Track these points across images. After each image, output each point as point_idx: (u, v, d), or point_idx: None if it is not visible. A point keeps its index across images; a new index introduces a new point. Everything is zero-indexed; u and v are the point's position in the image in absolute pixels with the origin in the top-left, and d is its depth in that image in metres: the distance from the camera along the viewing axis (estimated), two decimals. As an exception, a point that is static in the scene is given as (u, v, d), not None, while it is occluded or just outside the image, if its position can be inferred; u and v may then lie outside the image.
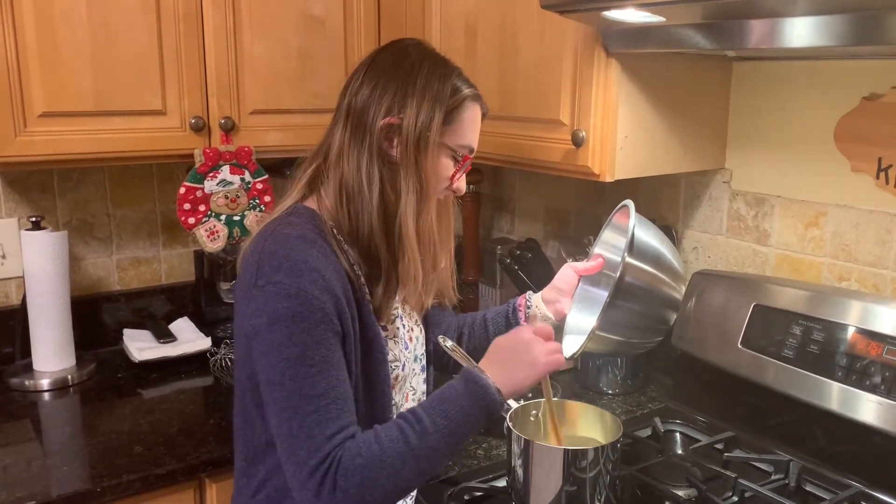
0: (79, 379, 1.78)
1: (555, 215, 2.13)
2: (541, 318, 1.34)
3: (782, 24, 1.13)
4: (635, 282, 1.19)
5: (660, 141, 1.52)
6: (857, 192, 1.45)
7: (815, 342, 1.38)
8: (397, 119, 1.11)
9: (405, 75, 1.13)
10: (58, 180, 1.92)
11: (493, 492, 1.32)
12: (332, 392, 1.02)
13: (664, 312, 1.27)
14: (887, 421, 1.26)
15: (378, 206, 1.11)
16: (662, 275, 1.23)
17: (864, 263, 1.46)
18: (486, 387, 1.06)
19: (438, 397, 1.07)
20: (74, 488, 1.34)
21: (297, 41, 1.84)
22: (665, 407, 1.66)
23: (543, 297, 1.36)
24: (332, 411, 1.02)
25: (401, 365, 1.20)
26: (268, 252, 1.06)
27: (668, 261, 1.25)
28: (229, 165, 1.80)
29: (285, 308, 1.01)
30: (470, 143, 1.19)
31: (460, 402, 1.05)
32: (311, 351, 1.01)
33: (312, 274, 1.03)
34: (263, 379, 1.04)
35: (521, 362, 1.10)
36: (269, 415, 1.05)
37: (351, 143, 1.13)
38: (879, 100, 1.39)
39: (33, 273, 1.73)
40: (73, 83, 1.58)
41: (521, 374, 1.10)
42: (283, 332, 1.01)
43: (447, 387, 1.08)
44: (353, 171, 1.12)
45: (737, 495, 1.29)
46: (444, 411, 1.04)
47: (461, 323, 1.42)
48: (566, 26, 1.44)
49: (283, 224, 1.10)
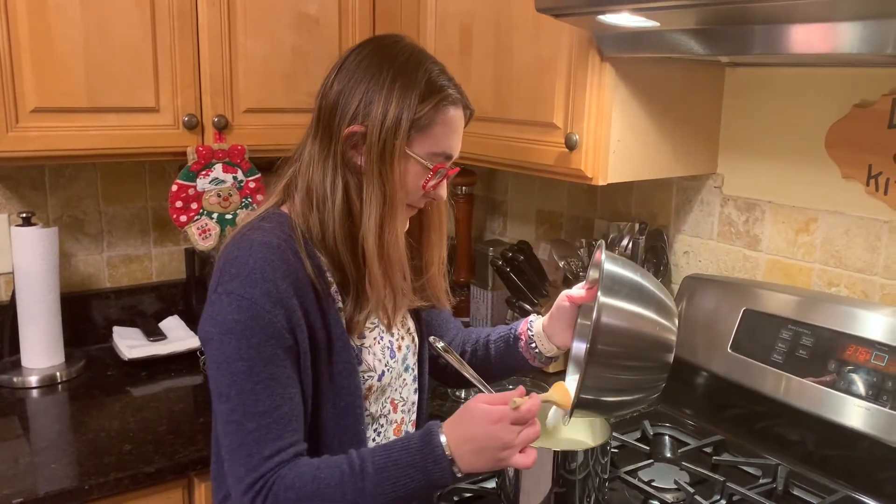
0: (67, 376, 1.78)
1: (547, 218, 2.13)
2: (545, 350, 1.27)
3: (776, 30, 1.14)
4: (614, 322, 1.02)
5: (652, 145, 1.53)
6: (848, 198, 1.46)
7: (804, 347, 1.39)
8: (361, 127, 1.06)
9: (373, 76, 1.06)
10: (49, 176, 1.91)
11: (482, 493, 1.32)
12: (276, 411, 1.02)
13: (658, 354, 1.07)
14: (874, 426, 1.27)
15: (341, 216, 1.08)
16: (646, 311, 1.06)
17: (854, 270, 1.47)
18: (444, 468, 0.99)
19: (393, 458, 1.00)
20: (62, 486, 1.33)
21: (292, 39, 1.83)
22: (654, 410, 1.67)
23: (545, 330, 1.27)
24: (273, 431, 1.02)
25: (376, 376, 1.16)
26: (231, 257, 1.05)
27: (649, 292, 1.08)
28: (222, 164, 1.79)
29: (235, 321, 1.01)
30: (445, 150, 1.10)
31: (412, 473, 0.99)
32: (258, 367, 1.01)
33: (267, 285, 1.02)
34: (213, 388, 1.05)
35: (490, 457, 1.00)
36: (216, 424, 1.07)
37: (319, 149, 1.10)
38: (870, 107, 1.40)
39: (23, 269, 1.72)
40: (66, 79, 1.57)
41: (483, 464, 1.01)
42: (233, 344, 1.01)
43: (405, 448, 1.01)
44: (319, 179, 1.09)
45: (725, 499, 1.29)
46: (393, 478, 0.99)
47: (465, 339, 1.38)
48: (561, 29, 1.44)
49: (253, 228, 1.08)
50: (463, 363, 1.19)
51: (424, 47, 1.77)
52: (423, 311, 1.30)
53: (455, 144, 1.13)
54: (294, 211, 1.12)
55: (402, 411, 1.24)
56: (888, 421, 1.26)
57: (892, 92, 1.37)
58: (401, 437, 1.09)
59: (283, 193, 1.15)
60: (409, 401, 1.26)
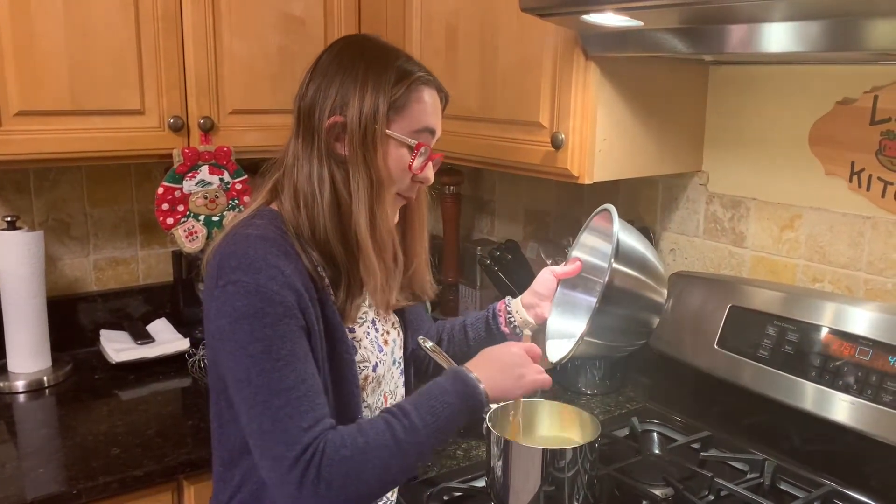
0: (55, 380, 1.77)
1: (534, 217, 2.14)
2: (521, 323, 1.34)
3: (758, 29, 1.14)
4: (622, 286, 1.21)
5: (638, 143, 1.54)
6: (831, 195, 1.47)
7: (789, 343, 1.40)
8: (341, 117, 1.09)
9: (346, 70, 1.10)
10: (34, 179, 1.90)
11: (472, 492, 1.32)
12: (302, 385, 1.01)
13: (648, 316, 1.30)
14: (859, 420, 1.28)
15: (330, 209, 1.09)
16: (647, 279, 1.25)
17: (838, 265, 1.48)
18: (473, 386, 1.08)
19: (426, 394, 1.07)
20: (50, 491, 1.32)
21: (277, 41, 1.83)
22: (643, 407, 1.68)
23: (523, 302, 1.36)
24: (304, 404, 1.00)
25: (370, 366, 1.18)
26: (227, 253, 1.05)
27: (651, 265, 1.28)
28: (208, 165, 1.79)
29: (246, 305, 1.00)
30: (425, 125, 1.13)
31: (448, 399, 1.06)
32: (276, 345, 1.00)
33: (272, 270, 1.02)
34: (231, 378, 1.03)
35: (510, 374, 1.12)
36: (239, 414, 1.03)
37: (303, 148, 1.12)
38: (852, 104, 1.42)
39: (8, 273, 1.71)
40: (49, 82, 1.56)
41: (506, 383, 1.12)
42: (246, 329, 1.00)
43: (433, 384, 1.08)
44: (305, 176, 1.10)
45: (713, 494, 1.30)
46: (432, 407, 1.05)
47: (440, 329, 1.42)
48: (546, 29, 1.45)
49: (245, 225, 1.09)
50: (450, 361, 1.22)
51: (410, 48, 1.77)
52: (405, 308, 1.32)
53: (434, 121, 1.16)
54: (283, 210, 1.13)
55: (392, 403, 1.25)
56: (873, 415, 1.27)
57: (874, 89, 1.38)
58: (423, 387, 1.11)
59: (270, 195, 1.17)
60: (397, 394, 1.29)
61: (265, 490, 1.10)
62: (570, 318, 1.35)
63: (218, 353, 1.06)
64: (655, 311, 1.30)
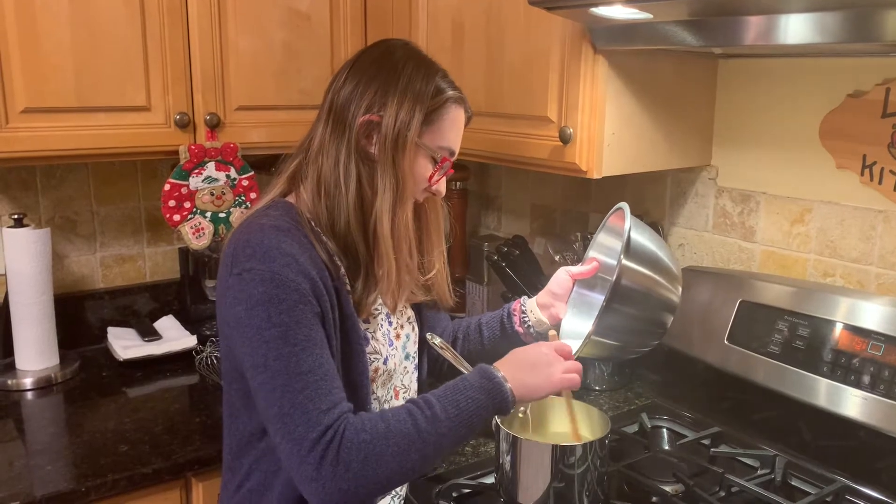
0: (62, 378, 1.77)
1: (542, 212, 2.13)
2: (535, 322, 1.33)
3: (769, 20, 1.13)
4: (631, 285, 1.18)
5: (647, 138, 1.53)
6: (842, 188, 1.46)
7: (800, 338, 1.39)
8: (377, 117, 1.11)
9: (388, 74, 1.13)
10: (41, 177, 1.90)
11: (481, 489, 1.32)
12: (319, 369, 1.01)
13: (661, 315, 1.25)
14: (871, 416, 1.28)
15: (354, 202, 1.11)
16: (659, 277, 1.22)
17: (849, 260, 1.47)
18: (499, 383, 1.08)
19: (451, 388, 1.07)
20: (58, 488, 1.32)
21: (283, 36, 1.82)
22: (652, 403, 1.67)
23: (538, 302, 1.35)
24: (322, 387, 1.00)
25: (381, 359, 1.19)
26: (242, 242, 1.06)
27: (664, 263, 1.23)
28: (215, 162, 1.78)
29: (261, 292, 1.01)
30: (450, 146, 1.18)
31: (473, 394, 1.06)
32: (293, 331, 1.01)
33: (286, 258, 1.03)
34: (248, 365, 1.03)
35: (538, 374, 1.12)
36: (257, 400, 1.03)
37: (331, 138, 1.13)
38: (864, 97, 1.40)
39: (16, 271, 1.71)
40: (55, 78, 1.56)
41: (534, 383, 1.12)
42: (262, 315, 1.01)
43: (460, 379, 1.09)
44: (331, 166, 1.12)
45: (723, 490, 1.29)
46: (456, 401, 1.05)
47: (456, 328, 1.42)
48: (553, 22, 1.44)
49: (260, 215, 1.11)
50: (458, 358, 1.22)
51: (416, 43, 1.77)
52: (422, 305, 1.33)
53: (458, 141, 1.20)
54: (300, 200, 1.15)
55: (404, 399, 1.26)
56: (885, 410, 1.26)
57: (885, 81, 1.37)
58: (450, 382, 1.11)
59: (288, 184, 1.18)
60: (410, 389, 1.29)
61: (274, 477, 1.11)
62: (585, 319, 1.33)
63: (233, 341, 1.05)
64: (669, 310, 1.24)
